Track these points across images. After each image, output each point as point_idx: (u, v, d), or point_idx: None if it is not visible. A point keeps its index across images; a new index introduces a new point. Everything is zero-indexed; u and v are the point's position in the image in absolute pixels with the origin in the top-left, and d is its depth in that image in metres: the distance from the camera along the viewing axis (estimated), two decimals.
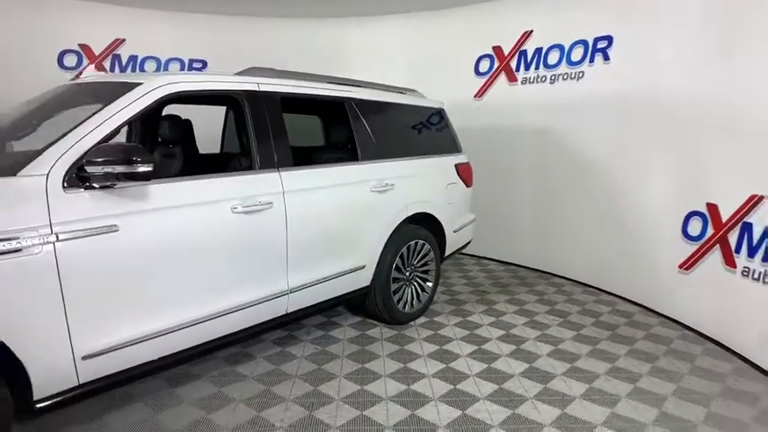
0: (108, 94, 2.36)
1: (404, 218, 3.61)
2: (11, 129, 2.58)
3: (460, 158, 4.29)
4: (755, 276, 3.18)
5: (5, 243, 1.82)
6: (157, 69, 6.20)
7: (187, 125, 3.44)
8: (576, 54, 4.80)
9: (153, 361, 2.31)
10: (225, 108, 4.47)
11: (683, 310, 3.88)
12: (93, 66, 3.24)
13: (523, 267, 5.49)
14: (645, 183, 4.21)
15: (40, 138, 2.23)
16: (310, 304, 3.07)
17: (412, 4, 5.75)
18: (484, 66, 5.66)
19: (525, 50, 5.29)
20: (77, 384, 2.09)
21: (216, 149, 4.51)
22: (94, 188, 2.07)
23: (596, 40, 4.61)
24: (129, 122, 2.33)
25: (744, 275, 3.27)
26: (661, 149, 4.04)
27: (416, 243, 3.78)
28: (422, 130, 4.04)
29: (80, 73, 3.28)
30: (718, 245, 3.51)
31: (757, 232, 3.18)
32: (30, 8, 5.49)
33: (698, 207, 3.69)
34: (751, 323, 3.25)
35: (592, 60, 4.66)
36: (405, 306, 3.77)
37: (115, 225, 2.11)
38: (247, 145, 2.77)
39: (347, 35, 6.31)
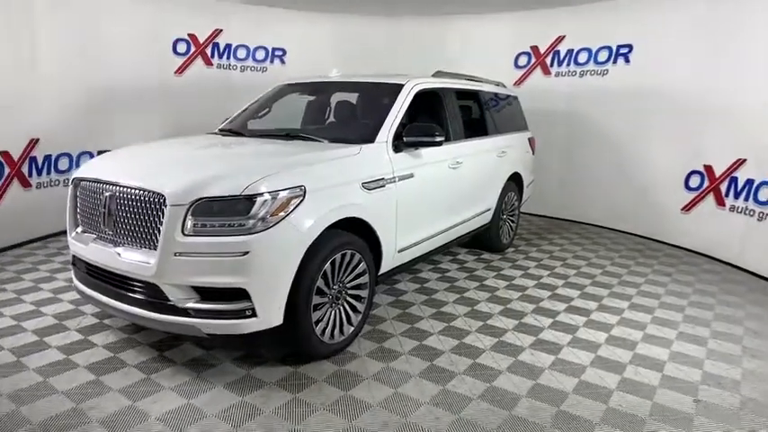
0: (384, 90, 3.73)
1: (509, 176, 5.13)
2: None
3: (529, 134, 5.85)
4: (739, 210, 5.01)
5: (377, 182, 3.18)
6: (247, 56, 7.23)
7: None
8: (602, 56, 6.45)
9: (422, 255, 3.78)
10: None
11: (684, 238, 5.71)
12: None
13: (552, 218, 7.19)
14: (655, 152, 5.96)
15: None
16: (470, 230, 4.58)
17: (466, 6, 7.13)
18: (522, 60, 7.20)
19: (558, 50, 6.88)
20: (392, 268, 3.48)
21: None
22: (402, 151, 3.43)
23: (619, 46, 6.27)
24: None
25: (731, 211, 5.10)
26: (669, 128, 5.78)
27: (511, 194, 5.32)
28: (509, 112, 5.54)
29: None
30: (711, 192, 5.32)
31: (740, 183, 4.99)
32: (150, 3, 6.35)
33: (697, 168, 5.48)
34: (733, 240, 5.09)
35: (615, 62, 6.32)
36: (504, 239, 5.33)
37: (412, 174, 3.48)
38: (445, 123, 4.15)
39: (402, 32, 7.59)
